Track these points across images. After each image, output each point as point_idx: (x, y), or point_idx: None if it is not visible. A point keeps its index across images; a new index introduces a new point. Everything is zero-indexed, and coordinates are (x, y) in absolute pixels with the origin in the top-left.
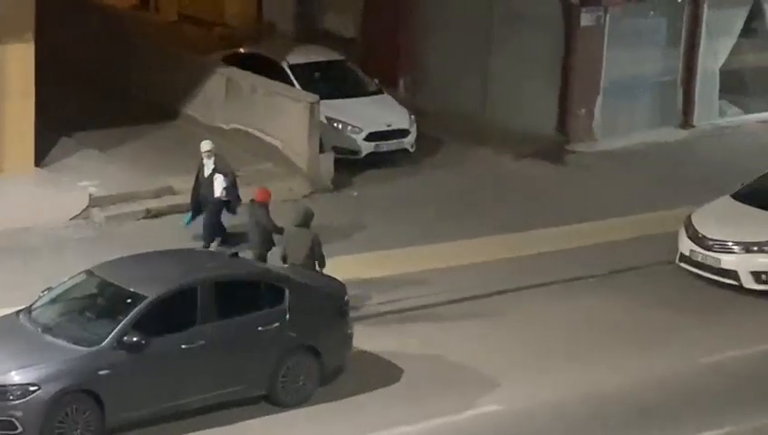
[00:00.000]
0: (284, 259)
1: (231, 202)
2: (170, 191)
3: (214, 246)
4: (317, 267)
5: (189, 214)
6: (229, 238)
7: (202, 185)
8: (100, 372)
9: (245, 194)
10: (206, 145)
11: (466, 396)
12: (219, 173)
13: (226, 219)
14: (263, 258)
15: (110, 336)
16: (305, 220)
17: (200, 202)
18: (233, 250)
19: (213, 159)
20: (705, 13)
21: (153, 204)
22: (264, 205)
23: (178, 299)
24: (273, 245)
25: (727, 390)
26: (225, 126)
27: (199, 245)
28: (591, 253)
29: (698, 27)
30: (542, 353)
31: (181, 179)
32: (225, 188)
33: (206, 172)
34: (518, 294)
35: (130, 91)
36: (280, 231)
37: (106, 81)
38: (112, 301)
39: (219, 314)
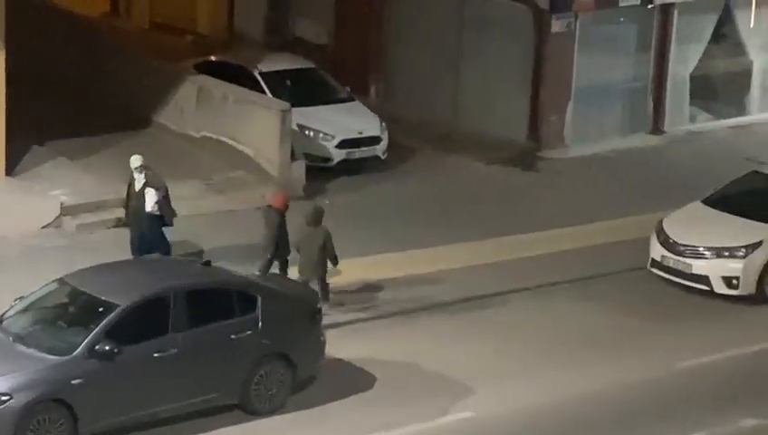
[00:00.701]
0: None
1: (165, 216)
2: None
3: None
4: (330, 264)
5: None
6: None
7: (133, 199)
8: (73, 382)
9: (219, 202)
10: (135, 161)
11: (440, 403)
12: (151, 187)
13: (167, 233)
14: (268, 265)
15: (83, 345)
16: (316, 219)
17: (133, 217)
18: (205, 259)
19: (144, 173)
20: (675, 19)
21: (124, 212)
22: (279, 211)
23: (151, 308)
24: (283, 254)
25: (702, 394)
26: (196, 134)
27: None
28: (563, 259)
29: (668, 33)
30: (516, 359)
31: None
32: (156, 202)
33: (137, 187)
34: (491, 301)
35: (102, 99)
36: (282, 247)
37: (77, 88)
38: (84, 310)
39: (192, 323)
